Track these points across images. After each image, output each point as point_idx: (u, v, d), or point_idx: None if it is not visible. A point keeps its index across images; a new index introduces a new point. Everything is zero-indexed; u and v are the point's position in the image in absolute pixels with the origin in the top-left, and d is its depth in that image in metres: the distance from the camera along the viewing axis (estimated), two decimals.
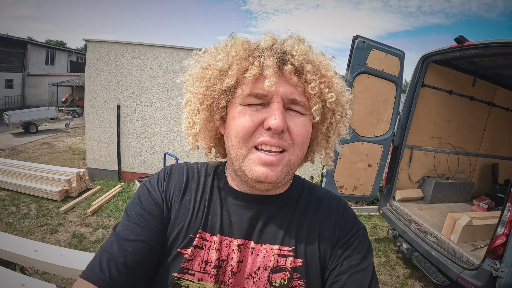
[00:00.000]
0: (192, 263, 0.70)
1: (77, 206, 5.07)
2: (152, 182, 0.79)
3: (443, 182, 5.27)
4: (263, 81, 0.65)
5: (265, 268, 0.71)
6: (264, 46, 0.69)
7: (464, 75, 5.10)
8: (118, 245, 0.68)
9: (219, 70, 0.70)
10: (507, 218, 2.76)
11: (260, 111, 0.67)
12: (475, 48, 3.62)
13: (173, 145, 6.60)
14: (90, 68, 6.19)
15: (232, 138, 0.69)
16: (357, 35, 3.93)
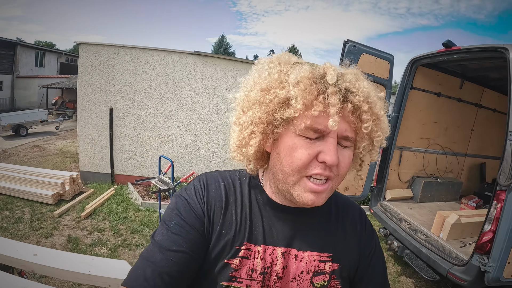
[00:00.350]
0: (239, 272, 0.76)
1: (71, 209, 5.06)
2: (190, 193, 0.80)
3: (432, 182, 5.38)
4: (323, 116, 0.66)
5: (308, 272, 0.79)
6: (330, 82, 0.67)
7: (452, 78, 5.22)
8: (161, 255, 0.71)
9: (283, 99, 0.69)
10: (493, 215, 2.85)
11: (315, 144, 0.69)
12: (462, 52, 3.73)
13: (166, 147, 6.63)
14: (82, 71, 6.17)
15: (285, 165, 0.71)
16: (348, 40, 4.00)
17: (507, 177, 2.77)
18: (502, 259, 2.70)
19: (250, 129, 0.73)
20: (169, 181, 4.07)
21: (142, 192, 6.17)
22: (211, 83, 6.60)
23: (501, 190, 2.83)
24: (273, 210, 0.81)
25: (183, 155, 6.67)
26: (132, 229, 4.63)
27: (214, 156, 6.88)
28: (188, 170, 6.47)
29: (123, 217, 4.99)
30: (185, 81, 6.49)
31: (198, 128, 6.72)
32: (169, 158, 4.20)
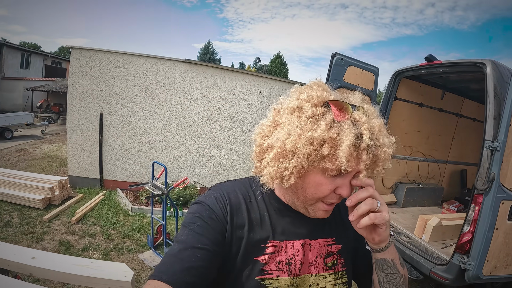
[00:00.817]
0: (269, 265, 0.87)
1: (60, 214, 5.05)
2: (211, 201, 0.89)
3: (415, 188, 5.58)
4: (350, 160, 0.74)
5: (321, 256, 0.95)
6: (365, 144, 0.75)
7: (433, 89, 5.47)
8: (187, 252, 0.78)
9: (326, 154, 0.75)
10: (472, 217, 3.05)
11: (335, 180, 0.80)
12: (443, 66, 3.95)
13: (155, 153, 6.68)
14: (73, 75, 6.19)
15: (308, 193, 0.83)
16: (335, 53, 4.19)
17: (483, 182, 2.96)
18: (481, 257, 2.88)
19: (290, 171, 0.79)
20: (162, 187, 4.14)
21: (131, 198, 6.20)
22: (201, 91, 6.71)
23: (478, 194, 3.02)
24: (287, 211, 0.95)
25: (172, 161, 6.73)
26: (123, 234, 4.67)
27: (203, 162, 6.96)
28: (177, 176, 6.53)
29: (114, 222, 5.02)
30: (175, 88, 6.58)
31: (188, 135, 6.80)
32: (163, 164, 4.27)
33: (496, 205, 2.88)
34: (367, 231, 0.84)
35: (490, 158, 2.94)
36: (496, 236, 2.88)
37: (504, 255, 2.96)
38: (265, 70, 38.66)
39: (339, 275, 0.96)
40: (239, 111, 6.99)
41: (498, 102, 3.08)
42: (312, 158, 0.76)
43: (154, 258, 4.16)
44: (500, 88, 3.11)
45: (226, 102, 6.88)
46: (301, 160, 0.76)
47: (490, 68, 3.20)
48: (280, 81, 7.47)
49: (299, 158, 0.76)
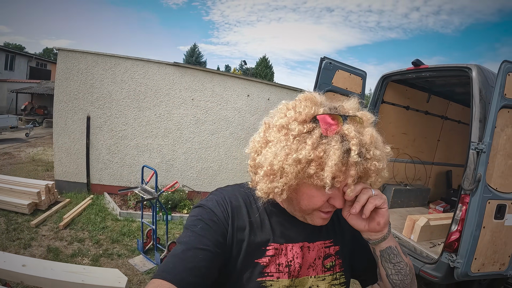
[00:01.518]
0: (269, 268, 0.90)
1: (48, 219, 4.95)
2: (213, 204, 0.92)
3: (402, 189, 5.68)
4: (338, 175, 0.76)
5: (319, 258, 0.98)
6: (354, 160, 0.75)
7: (419, 92, 5.59)
8: (190, 252, 0.80)
9: (314, 172, 0.76)
10: (459, 216, 3.14)
11: (328, 192, 0.79)
12: (429, 71, 4.05)
13: (143, 157, 6.63)
14: (60, 77, 6.09)
15: (302, 205, 0.86)
16: (324, 57, 4.26)
17: (470, 182, 3.05)
18: (469, 255, 2.96)
19: (281, 189, 0.81)
20: (152, 191, 4.11)
21: (119, 202, 6.13)
22: (189, 94, 6.70)
23: (465, 194, 3.10)
24: (286, 215, 0.98)
25: (160, 165, 6.68)
26: (112, 239, 4.61)
27: (191, 166, 6.94)
28: (165, 180, 6.49)
29: (102, 227, 4.95)
30: (163, 91, 6.56)
31: (176, 138, 6.78)
32: (153, 168, 4.25)
33: (483, 205, 2.95)
34: (371, 220, 0.85)
35: (476, 159, 3.02)
36: (483, 234, 2.96)
37: (491, 252, 3.04)
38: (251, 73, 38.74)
39: (337, 275, 0.99)
40: (227, 114, 7.00)
41: (483, 105, 3.17)
42: (301, 176, 0.78)
43: (145, 263, 4.12)
44: (485, 91, 3.21)
45: (214, 105, 6.89)
46: (289, 179, 0.78)
47: (475, 73, 3.30)
48: (268, 85, 7.51)
49: (287, 177, 0.79)
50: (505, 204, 3.02)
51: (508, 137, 2.99)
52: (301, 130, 0.78)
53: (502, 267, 3.13)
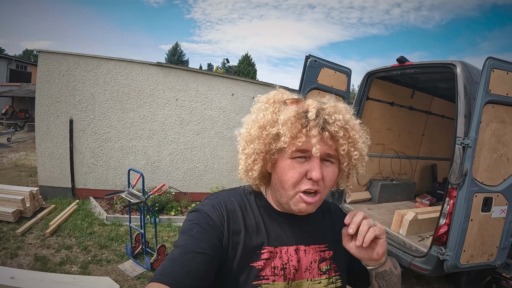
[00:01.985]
0: (264, 271, 0.90)
1: (33, 227, 4.82)
2: (209, 209, 0.93)
3: (388, 184, 5.77)
4: (307, 141, 0.84)
5: (315, 261, 0.98)
6: (310, 118, 0.84)
7: (404, 88, 5.68)
8: (187, 256, 0.80)
9: (274, 134, 0.87)
10: (447, 210, 3.22)
11: (303, 164, 0.86)
12: (414, 67, 4.11)
13: (128, 159, 6.53)
14: (41, 80, 5.92)
15: (282, 183, 0.90)
16: (309, 55, 4.28)
17: (457, 177, 3.11)
18: (458, 248, 3.03)
19: (253, 157, 0.91)
20: (139, 194, 4.04)
21: (105, 206, 6.03)
22: (173, 94, 6.63)
23: (452, 188, 3.18)
24: (280, 217, 0.99)
25: (146, 167, 6.60)
26: (100, 245, 4.52)
27: (177, 167, 6.88)
28: (151, 182, 6.42)
29: (89, 233, 4.86)
30: (147, 92, 6.46)
31: (161, 139, 6.70)
32: (139, 171, 4.18)
33: (470, 198, 3.03)
34: (370, 249, 0.88)
35: (462, 154, 3.09)
36: (471, 227, 3.04)
37: (479, 244, 3.13)
38: (233, 71, 38.66)
39: (333, 279, 1.00)
40: (211, 114, 6.96)
41: (468, 101, 3.24)
42: (268, 141, 0.88)
43: (135, 268, 4.07)
44: (470, 87, 3.28)
45: (198, 105, 6.83)
46: (257, 144, 0.89)
47: (460, 69, 3.37)
48: (253, 83, 7.50)
49: (255, 143, 0.90)
50: (492, 197, 3.11)
51: (493, 131, 3.07)
52: (267, 107, 0.92)
53: (490, 258, 3.22)
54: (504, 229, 3.22)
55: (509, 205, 3.19)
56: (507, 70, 2.98)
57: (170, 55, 44.96)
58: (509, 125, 3.12)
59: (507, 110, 3.09)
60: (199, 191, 7.01)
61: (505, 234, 3.23)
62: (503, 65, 2.95)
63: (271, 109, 0.91)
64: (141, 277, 3.87)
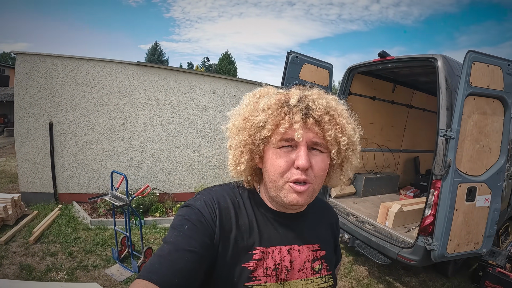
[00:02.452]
0: (256, 272, 0.88)
1: (17, 235, 4.66)
2: (201, 204, 0.90)
3: (372, 177, 5.86)
4: (292, 129, 0.84)
5: (308, 261, 0.98)
6: (292, 104, 0.85)
7: (385, 83, 5.77)
8: (177, 253, 0.78)
9: (258, 124, 0.87)
10: (432, 201, 3.30)
11: (290, 153, 0.85)
12: (395, 62, 4.18)
13: (111, 161, 6.40)
14: (19, 83, 5.72)
15: (271, 174, 0.88)
16: (291, 51, 4.29)
17: (440, 168, 3.18)
18: (444, 237, 3.11)
19: (239, 150, 0.91)
20: (123, 197, 3.97)
21: (89, 210, 5.91)
22: (154, 94, 6.53)
23: (436, 179, 3.25)
24: (274, 216, 0.98)
25: (129, 169, 6.49)
26: (85, 250, 4.42)
27: (160, 168, 6.80)
28: (135, 184, 6.33)
29: (74, 238, 4.74)
30: (127, 92, 6.35)
31: (143, 140, 6.60)
32: (122, 173, 4.11)
33: (454, 188, 3.11)
34: None
35: (446, 145, 3.16)
36: (456, 216, 3.12)
37: (465, 233, 3.21)
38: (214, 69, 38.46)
39: (325, 278, 1.00)
40: (193, 113, 6.90)
41: (450, 93, 3.31)
42: (253, 132, 0.88)
43: (122, 272, 4.00)
44: (451, 80, 3.35)
45: (180, 105, 6.76)
46: (242, 135, 0.90)
47: (441, 63, 3.43)
48: (234, 81, 7.46)
49: (240, 134, 0.90)
50: (475, 187, 3.19)
51: (475, 123, 3.15)
52: (253, 100, 0.93)
53: (476, 246, 3.30)
54: (488, 217, 3.31)
55: (492, 194, 3.29)
56: (487, 63, 3.05)
57: (150, 54, 44.47)
58: (490, 117, 3.21)
59: (488, 101, 3.18)
60: (183, 191, 6.94)
61: (489, 222, 3.32)
62: (483, 58, 3.03)
63: (255, 101, 0.92)
64: (129, 281, 3.80)
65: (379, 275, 4.32)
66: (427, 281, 4.28)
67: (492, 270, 3.97)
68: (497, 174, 3.29)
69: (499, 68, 3.11)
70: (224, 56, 44.84)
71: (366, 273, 4.36)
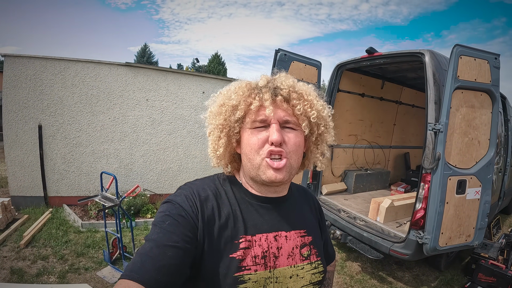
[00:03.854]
0: (245, 261, 0.88)
1: (7, 239, 4.59)
2: (181, 199, 0.90)
3: (363, 174, 5.90)
4: (263, 110, 0.90)
5: (296, 247, 0.99)
6: (261, 85, 0.94)
7: (374, 79, 5.81)
8: (158, 250, 0.77)
9: (231, 106, 0.94)
10: (422, 195, 3.33)
11: (263, 131, 0.91)
12: (383, 58, 4.21)
13: (101, 163, 6.34)
14: (8, 85, 5.64)
15: (247, 153, 0.92)
16: (279, 49, 4.29)
17: (430, 161, 3.21)
18: (436, 231, 3.14)
19: (217, 134, 0.96)
20: (113, 197, 3.94)
21: (80, 213, 5.84)
22: (143, 95, 6.49)
23: (426, 173, 3.29)
24: (257, 202, 0.98)
25: (119, 170, 6.44)
26: (77, 253, 4.38)
27: (151, 168, 6.76)
28: (125, 185, 6.28)
29: (65, 241, 4.69)
30: (116, 93, 6.30)
31: (132, 141, 6.55)
32: (112, 173, 4.07)
33: (444, 181, 3.14)
34: None
35: (434, 139, 3.19)
36: (447, 209, 3.15)
37: (456, 226, 3.24)
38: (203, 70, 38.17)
39: (315, 264, 1.01)
40: (183, 113, 6.87)
41: (437, 88, 3.35)
42: (228, 115, 0.94)
43: (114, 274, 3.96)
44: (439, 75, 3.39)
45: (169, 105, 6.73)
46: (218, 119, 0.95)
47: (428, 57, 3.47)
48: (223, 80, 7.44)
49: (216, 119, 0.96)
50: (465, 180, 3.23)
51: (463, 116, 3.18)
52: (226, 89, 1.00)
53: (468, 238, 3.34)
54: (479, 210, 3.35)
55: (482, 187, 3.33)
56: (474, 57, 3.10)
57: (139, 56, 44.22)
58: (478, 110, 3.25)
59: (475, 95, 3.22)
60: (174, 192, 6.90)
61: (480, 214, 3.36)
62: (470, 51, 3.07)
63: (228, 88, 0.99)
64: None
65: (372, 271, 4.35)
66: (420, 275, 4.31)
67: (485, 263, 4.00)
68: (486, 166, 3.33)
69: (486, 62, 3.16)
70: (214, 57, 44.75)
71: (359, 269, 4.38)
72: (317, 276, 1.00)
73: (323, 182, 5.53)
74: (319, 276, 1.00)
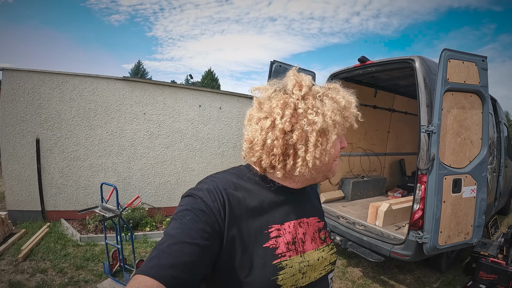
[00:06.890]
0: (280, 248, 0.91)
1: (5, 253, 4.56)
2: (202, 194, 0.87)
3: (360, 181, 5.97)
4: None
5: (316, 231, 1.07)
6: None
7: (367, 88, 5.94)
8: (176, 246, 0.76)
9: (354, 114, 1.10)
10: (419, 196, 3.40)
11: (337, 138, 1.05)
12: (375, 65, 4.33)
13: (98, 177, 6.35)
14: (5, 99, 5.68)
15: (334, 156, 1.03)
16: (274, 60, 4.42)
17: (425, 162, 3.29)
18: (435, 230, 3.20)
19: (325, 146, 0.97)
20: (114, 208, 3.95)
21: (78, 227, 5.82)
22: (141, 108, 6.56)
23: (422, 174, 3.36)
24: (282, 192, 1.01)
25: (117, 184, 6.42)
26: (76, 266, 4.35)
27: (149, 182, 6.77)
28: (123, 199, 6.26)
29: (64, 255, 4.66)
30: (114, 107, 6.36)
31: (130, 155, 6.58)
32: (112, 184, 4.10)
33: (440, 181, 3.21)
34: None
35: (428, 140, 3.29)
36: (444, 208, 3.21)
37: (454, 224, 3.30)
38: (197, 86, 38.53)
39: (331, 246, 1.10)
40: (180, 126, 6.93)
41: (428, 91, 3.46)
42: (351, 120, 1.04)
43: (115, 286, 3.94)
44: (429, 79, 3.51)
45: (166, 118, 6.79)
46: (336, 129, 0.98)
47: (418, 63, 3.60)
48: (219, 93, 7.51)
49: (335, 129, 0.97)
50: (460, 178, 3.31)
51: (455, 117, 3.29)
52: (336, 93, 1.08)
53: (467, 236, 3.40)
54: (476, 207, 3.42)
55: (477, 185, 3.42)
56: (462, 60, 3.22)
57: (133, 73, 44.59)
58: (469, 110, 3.36)
59: (465, 96, 3.33)
60: (172, 205, 6.90)
61: (478, 212, 3.43)
62: (458, 55, 3.19)
63: (338, 92, 1.06)
64: None
65: (373, 275, 4.37)
66: (421, 277, 4.35)
67: (485, 261, 4.04)
68: (480, 165, 3.43)
69: (474, 64, 3.28)
70: (207, 74, 45.18)
71: (361, 274, 4.40)
72: (334, 256, 1.09)
73: (321, 190, 5.59)
74: (335, 256, 1.09)
